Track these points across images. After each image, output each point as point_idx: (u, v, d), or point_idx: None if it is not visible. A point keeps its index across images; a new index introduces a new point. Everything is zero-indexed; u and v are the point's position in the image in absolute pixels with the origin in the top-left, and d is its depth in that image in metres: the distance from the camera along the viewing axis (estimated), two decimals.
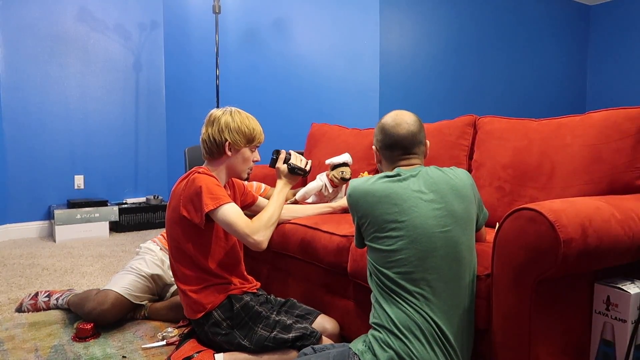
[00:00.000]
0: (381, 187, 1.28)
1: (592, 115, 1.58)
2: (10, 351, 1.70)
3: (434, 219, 1.22)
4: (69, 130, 3.80)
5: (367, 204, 1.28)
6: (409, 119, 1.37)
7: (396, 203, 1.24)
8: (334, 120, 3.39)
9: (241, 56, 4.19)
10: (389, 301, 1.22)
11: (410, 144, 1.36)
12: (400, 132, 1.35)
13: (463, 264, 1.22)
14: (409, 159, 1.37)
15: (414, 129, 1.36)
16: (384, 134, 1.38)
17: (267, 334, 1.52)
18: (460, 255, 1.22)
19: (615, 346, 1.16)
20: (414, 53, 4.69)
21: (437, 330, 1.17)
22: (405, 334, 1.17)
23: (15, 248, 3.31)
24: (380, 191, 1.27)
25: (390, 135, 1.37)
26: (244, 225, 1.48)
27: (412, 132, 1.36)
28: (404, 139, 1.35)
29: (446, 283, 1.19)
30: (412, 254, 1.20)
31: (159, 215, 4.01)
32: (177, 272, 1.59)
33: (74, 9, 3.74)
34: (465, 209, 1.27)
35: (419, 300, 1.18)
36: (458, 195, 1.27)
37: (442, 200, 1.24)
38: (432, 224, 1.21)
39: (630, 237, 1.14)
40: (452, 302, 1.19)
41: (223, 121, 1.59)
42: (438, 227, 1.21)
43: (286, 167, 1.72)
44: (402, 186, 1.26)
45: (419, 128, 1.38)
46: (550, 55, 5.76)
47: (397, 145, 1.36)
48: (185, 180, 1.55)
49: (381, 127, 1.40)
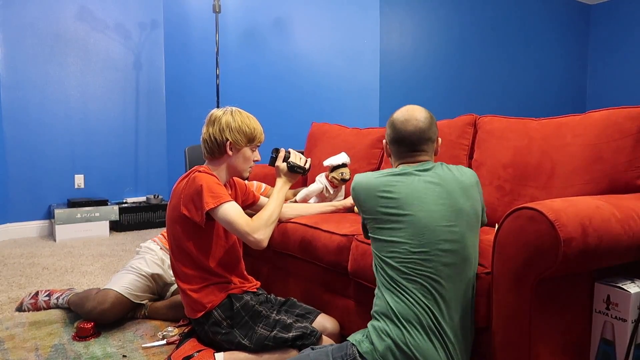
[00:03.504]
0: (383, 181, 1.28)
1: (593, 115, 1.58)
2: (10, 350, 1.71)
3: (439, 213, 1.23)
4: (69, 130, 3.80)
5: (369, 198, 1.29)
6: (420, 115, 1.35)
7: (399, 197, 1.25)
8: (334, 120, 3.39)
9: (241, 55, 4.19)
10: (390, 291, 1.23)
11: (417, 141, 1.35)
12: (407, 128, 1.34)
13: (467, 261, 1.23)
14: (415, 155, 1.36)
15: (423, 125, 1.34)
16: (392, 129, 1.38)
17: (267, 333, 1.52)
18: (466, 252, 1.23)
19: (615, 345, 1.17)
20: (414, 52, 4.69)
21: (436, 323, 1.18)
22: (404, 324, 1.18)
23: (16, 247, 3.31)
24: (382, 185, 1.28)
25: (398, 131, 1.36)
26: (244, 223, 1.49)
27: (421, 128, 1.34)
28: (411, 135, 1.34)
29: (449, 277, 1.20)
30: (414, 245, 1.21)
31: (159, 215, 4.01)
32: (178, 271, 1.60)
33: (74, 9, 3.74)
34: (471, 207, 1.28)
35: (421, 292, 1.19)
36: (465, 193, 1.28)
37: (449, 196, 1.25)
38: (437, 217, 1.22)
39: (630, 236, 1.14)
40: (453, 296, 1.20)
41: (224, 121, 1.60)
42: (443, 221, 1.22)
43: (285, 165, 1.72)
44: (407, 180, 1.27)
45: (428, 125, 1.35)
46: (551, 55, 5.75)
47: (404, 141, 1.35)
48: (186, 179, 1.56)
49: (391, 122, 1.39)
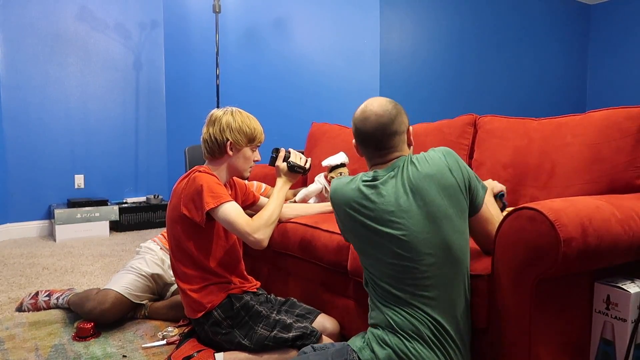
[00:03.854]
0: (358, 196, 1.20)
1: (593, 115, 1.58)
2: (10, 350, 1.70)
3: (419, 226, 1.15)
4: (69, 130, 3.80)
5: (345, 215, 1.24)
6: (378, 109, 1.22)
7: (375, 216, 1.18)
8: (334, 120, 3.38)
9: (241, 55, 4.19)
10: (384, 305, 1.21)
11: (381, 138, 1.22)
12: (367, 127, 1.23)
13: (456, 265, 1.17)
14: (384, 155, 1.24)
15: (385, 119, 1.21)
16: (355, 130, 1.28)
17: (267, 333, 1.52)
18: (454, 257, 1.16)
19: (615, 345, 1.16)
20: (414, 52, 4.69)
21: (435, 330, 1.16)
22: (403, 334, 1.16)
23: (16, 247, 3.31)
24: (358, 200, 1.20)
25: (359, 131, 1.25)
26: (244, 223, 1.49)
27: (382, 124, 1.21)
28: (372, 134, 1.22)
29: (441, 286, 1.16)
30: (400, 262, 1.17)
31: (159, 215, 4.00)
32: (178, 270, 1.60)
33: (74, 8, 3.74)
34: (450, 203, 1.16)
35: (416, 304, 1.17)
36: (439, 187, 1.16)
37: (424, 201, 1.15)
38: (418, 231, 1.15)
39: (630, 236, 1.14)
40: (448, 303, 1.17)
41: (224, 121, 1.60)
42: (424, 233, 1.14)
43: (286, 165, 1.72)
44: (380, 194, 1.18)
45: (391, 117, 1.22)
46: (551, 55, 5.75)
47: (368, 141, 1.24)
48: (186, 179, 1.56)
49: (353, 121, 1.29)
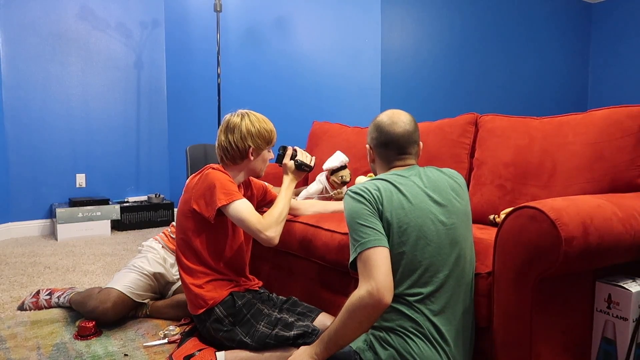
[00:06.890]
0: (391, 178, 1.27)
1: (594, 114, 1.57)
2: (12, 349, 1.71)
3: (438, 221, 1.21)
4: (71, 129, 3.80)
5: (392, 204, 1.26)
6: (405, 118, 1.36)
7: (402, 207, 1.22)
8: (335, 119, 3.39)
9: (242, 54, 4.19)
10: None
11: (406, 143, 1.34)
12: (396, 130, 1.34)
13: (466, 262, 1.23)
14: (404, 159, 1.36)
15: (410, 128, 1.35)
16: (379, 132, 1.36)
17: (269, 331, 1.52)
18: (464, 253, 1.23)
19: (616, 344, 1.16)
20: (416, 51, 4.69)
21: (437, 330, 1.16)
22: (406, 333, 1.17)
23: (17, 246, 3.32)
24: (393, 179, 1.26)
25: (386, 133, 1.35)
26: (256, 221, 1.51)
27: (409, 131, 1.34)
28: (400, 137, 1.34)
29: (447, 282, 1.19)
30: (420, 255, 1.19)
31: (161, 214, 4.01)
32: (182, 264, 1.61)
33: (76, 8, 3.74)
34: (464, 207, 1.28)
35: (420, 301, 1.17)
36: (457, 194, 1.28)
37: (444, 199, 1.25)
38: (435, 221, 1.21)
39: (632, 235, 1.14)
40: (453, 300, 1.19)
41: (244, 128, 1.61)
42: (443, 225, 1.21)
43: (293, 163, 1.73)
44: (407, 183, 1.26)
45: (414, 128, 1.36)
46: (552, 54, 5.74)
47: (392, 143, 1.34)
48: (199, 175, 1.59)
49: (377, 125, 1.38)
